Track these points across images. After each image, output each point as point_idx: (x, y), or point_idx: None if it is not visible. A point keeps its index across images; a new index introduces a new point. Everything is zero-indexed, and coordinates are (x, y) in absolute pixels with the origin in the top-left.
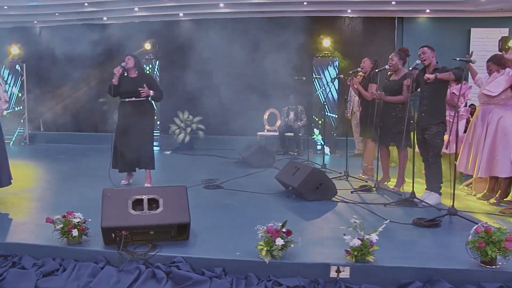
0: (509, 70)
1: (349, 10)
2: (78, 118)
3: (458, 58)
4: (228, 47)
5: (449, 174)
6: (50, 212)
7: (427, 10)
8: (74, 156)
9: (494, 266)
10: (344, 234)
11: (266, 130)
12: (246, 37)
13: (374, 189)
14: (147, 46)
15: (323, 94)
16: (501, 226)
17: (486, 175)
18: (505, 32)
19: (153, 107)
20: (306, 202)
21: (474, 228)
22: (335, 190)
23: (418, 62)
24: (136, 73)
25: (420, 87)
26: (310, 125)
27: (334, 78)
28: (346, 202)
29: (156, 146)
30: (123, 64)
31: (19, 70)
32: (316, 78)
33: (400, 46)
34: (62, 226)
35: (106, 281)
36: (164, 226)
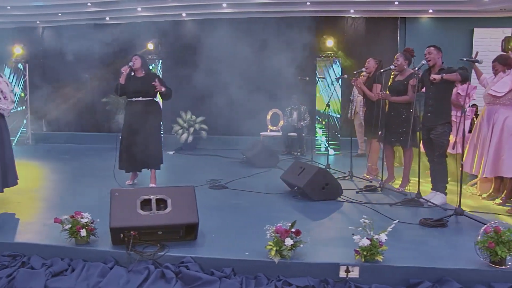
0: None
1: (352, 10)
2: (81, 118)
3: (465, 59)
4: (231, 48)
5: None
6: (56, 212)
7: (430, 10)
8: (77, 156)
9: (504, 266)
10: (353, 234)
11: (269, 130)
12: (249, 37)
13: (379, 189)
14: (150, 46)
15: (327, 94)
16: (510, 227)
17: (491, 175)
18: (508, 32)
19: (160, 107)
20: (312, 202)
21: (483, 228)
22: (341, 190)
23: (423, 62)
24: (143, 73)
25: (425, 87)
26: (313, 125)
27: (338, 78)
28: (352, 202)
29: None
30: (131, 64)
31: (22, 70)
32: (319, 78)
33: (402, 46)
34: (70, 226)
35: (116, 281)
36: (172, 226)
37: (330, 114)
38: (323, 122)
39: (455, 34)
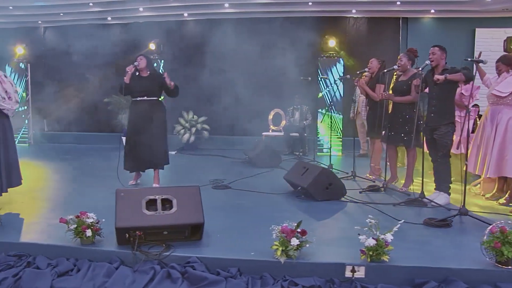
0: None
1: (353, 10)
2: (82, 118)
3: (470, 59)
4: (233, 48)
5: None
6: (60, 212)
7: (432, 11)
8: (79, 156)
9: (510, 267)
10: (359, 234)
11: (271, 130)
12: (251, 37)
13: (382, 189)
14: (152, 46)
15: (329, 94)
16: None
17: (495, 175)
18: (510, 32)
19: (164, 107)
20: (316, 202)
21: (489, 228)
22: (345, 190)
23: (427, 62)
24: (148, 72)
25: (428, 88)
26: (315, 125)
27: (340, 78)
28: (355, 202)
29: None
30: (136, 63)
31: (24, 70)
32: (322, 78)
33: (404, 46)
34: (75, 226)
35: (122, 281)
36: (178, 226)
37: (332, 114)
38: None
39: (457, 34)
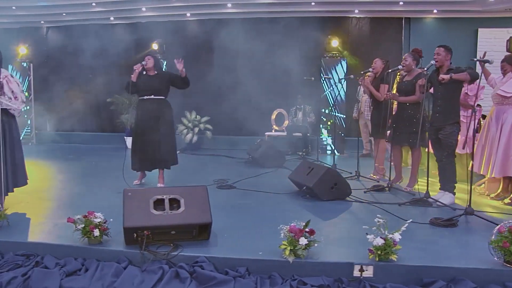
0: None
1: (356, 11)
2: (85, 118)
3: (476, 59)
4: (235, 48)
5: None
6: (66, 212)
7: (435, 11)
8: (82, 156)
9: None
10: (367, 234)
11: (273, 130)
12: (254, 37)
13: (387, 189)
14: (155, 46)
15: (332, 94)
16: None
17: (500, 175)
18: None
19: (171, 106)
20: (321, 202)
21: (497, 227)
22: (350, 190)
23: (432, 62)
24: (155, 72)
25: (433, 88)
26: (318, 125)
27: (343, 78)
28: (361, 202)
29: None
30: (143, 63)
31: (27, 70)
32: (325, 79)
33: (407, 46)
34: (83, 226)
35: (130, 281)
36: (186, 226)
37: (335, 114)
38: (329, 123)
39: (460, 34)
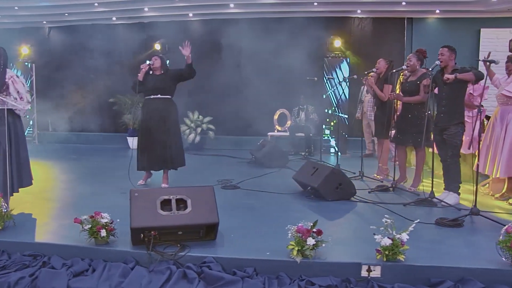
0: None
1: (358, 11)
2: (87, 118)
3: (481, 59)
4: (237, 48)
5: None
6: (71, 212)
7: (437, 11)
8: (85, 156)
9: None
10: (374, 234)
11: (276, 131)
12: (256, 38)
13: (391, 189)
14: (157, 46)
15: (335, 94)
16: None
17: (505, 175)
18: None
19: (176, 106)
20: (326, 202)
21: (504, 228)
22: (354, 190)
23: (437, 63)
24: (161, 71)
25: (438, 88)
26: (321, 125)
27: (346, 78)
28: (365, 202)
29: None
30: (150, 62)
31: (29, 70)
32: (329, 79)
33: (409, 46)
34: (90, 226)
35: (138, 281)
36: (193, 226)
37: (338, 114)
38: (332, 123)
39: (462, 34)
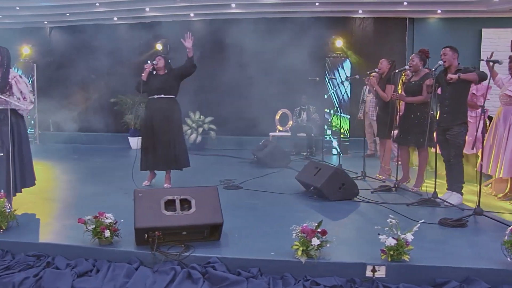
0: None
1: (360, 11)
2: (88, 118)
3: (485, 59)
4: (239, 48)
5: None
6: (74, 212)
7: (438, 11)
8: (86, 156)
9: None
10: (378, 234)
11: (277, 131)
12: (258, 38)
13: (394, 189)
14: (158, 46)
15: (337, 94)
16: None
17: (509, 175)
18: None
19: (179, 106)
20: (329, 202)
21: (510, 228)
22: (357, 190)
23: (440, 63)
24: (165, 71)
25: (441, 88)
26: (323, 125)
27: (348, 78)
28: (368, 202)
29: None
30: (154, 62)
31: (30, 70)
32: (330, 79)
33: (411, 46)
34: (94, 226)
35: (142, 282)
36: (197, 226)
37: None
38: (333, 123)
39: (464, 34)
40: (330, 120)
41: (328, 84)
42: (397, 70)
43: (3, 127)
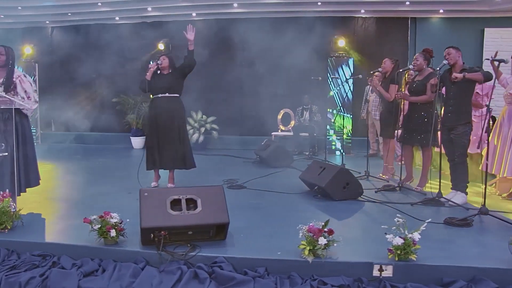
0: None
1: (362, 10)
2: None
3: (491, 58)
4: (241, 48)
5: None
6: (78, 212)
7: (441, 10)
8: (89, 156)
9: None
10: (385, 233)
11: (280, 130)
12: (260, 37)
13: (398, 188)
14: (161, 46)
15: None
16: None
17: None
18: None
19: (183, 105)
20: (334, 201)
21: None
22: (361, 189)
23: (445, 62)
24: (169, 71)
25: (445, 87)
26: (325, 125)
27: (350, 78)
28: (373, 202)
29: None
30: (159, 62)
31: (32, 70)
32: (333, 78)
33: (413, 46)
34: (99, 226)
35: (148, 281)
36: (203, 226)
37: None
38: (336, 123)
39: (466, 34)
40: (332, 119)
41: (330, 83)
42: (401, 70)
43: (8, 127)
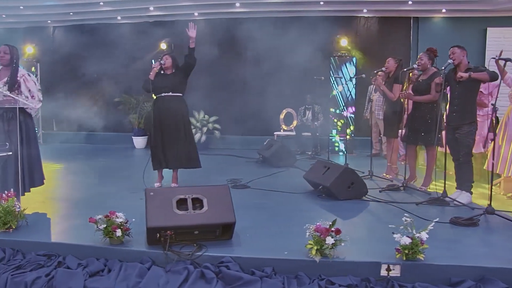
0: None
1: (365, 10)
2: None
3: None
4: (243, 47)
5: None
6: (82, 212)
7: (443, 10)
8: (91, 156)
9: None
10: (393, 233)
11: (282, 130)
12: (262, 37)
13: (402, 188)
14: (163, 45)
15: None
16: None
17: None
18: None
19: (187, 104)
20: (338, 201)
21: None
22: (366, 189)
23: (450, 62)
24: (172, 70)
25: (450, 87)
26: (328, 125)
27: (353, 77)
28: (378, 201)
29: None
30: (162, 62)
31: (34, 70)
32: (336, 78)
33: (415, 46)
34: (105, 226)
35: (155, 281)
36: (210, 225)
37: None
38: (338, 123)
39: (468, 33)
40: (335, 119)
41: (333, 83)
42: (405, 69)
43: (12, 126)
